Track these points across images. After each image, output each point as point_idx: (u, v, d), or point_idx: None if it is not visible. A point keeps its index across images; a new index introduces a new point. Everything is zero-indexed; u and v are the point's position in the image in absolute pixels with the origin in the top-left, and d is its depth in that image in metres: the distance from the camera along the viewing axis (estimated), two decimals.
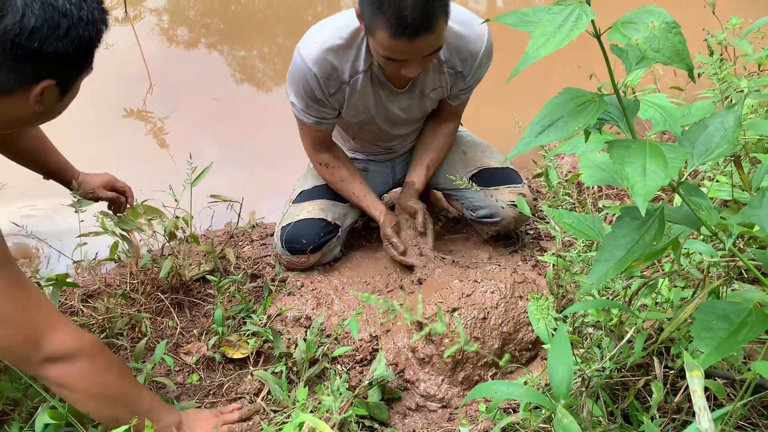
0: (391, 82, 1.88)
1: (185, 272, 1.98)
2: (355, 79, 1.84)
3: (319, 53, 1.78)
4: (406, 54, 1.58)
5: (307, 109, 1.89)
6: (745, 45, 2.04)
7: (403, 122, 2.06)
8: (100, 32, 1.27)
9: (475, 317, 1.65)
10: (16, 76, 1.20)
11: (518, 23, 0.88)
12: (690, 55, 0.84)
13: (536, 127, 0.87)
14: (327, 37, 1.78)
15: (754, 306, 0.88)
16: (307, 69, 1.79)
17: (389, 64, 1.65)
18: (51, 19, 1.16)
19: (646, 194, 0.77)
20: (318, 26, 1.84)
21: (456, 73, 1.90)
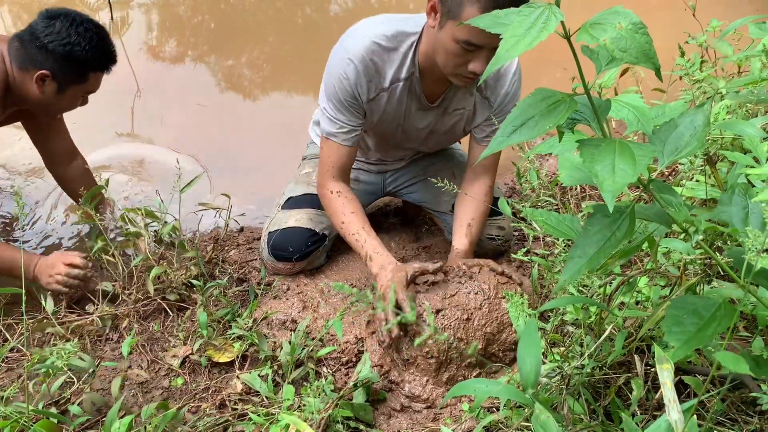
0: (426, 95, 1.87)
1: (172, 277, 1.99)
2: (395, 87, 1.82)
3: (365, 49, 1.75)
4: (487, 37, 1.52)
5: (338, 114, 1.85)
6: (725, 47, 2.07)
7: (416, 141, 2.06)
8: (95, 60, 1.93)
9: (459, 318, 1.67)
10: (31, 59, 1.88)
11: (491, 25, 0.89)
12: (664, 56, 0.86)
13: (509, 127, 0.88)
14: (375, 35, 1.75)
15: (723, 301, 0.90)
16: (349, 63, 1.76)
17: (460, 56, 1.61)
18: (64, 32, 1.87)
19: (615, 191, 0.79)
20: (365, 23, 1.81)
21: (483, 97, 1.90)
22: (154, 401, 1.66)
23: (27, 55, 1.88)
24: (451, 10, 1.56)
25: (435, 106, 1.91)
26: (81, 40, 1.88)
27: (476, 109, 1.93)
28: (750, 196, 1.01)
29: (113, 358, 1.82)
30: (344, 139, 1.89)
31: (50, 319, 1.87)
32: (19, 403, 1.56)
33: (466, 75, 1.65)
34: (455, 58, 1.62)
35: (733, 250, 1.06)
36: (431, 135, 2.03)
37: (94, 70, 1.96)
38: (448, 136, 2.08)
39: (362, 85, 1.79)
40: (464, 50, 1.59)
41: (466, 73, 1.64)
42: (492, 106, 1.91)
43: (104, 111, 3.02)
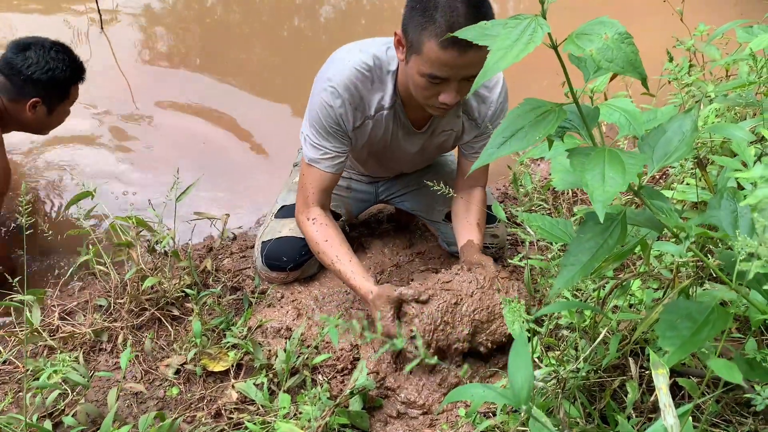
0: (411, 122, 1.87)
1: (166, 287, 1.99)
2: (380, 115, 1.82)
3: (348, 77, 1.74)
4: (452, 70, 1.54)
5: (322, 141, 1.83)
6: (713, 51, 2.08)
7: (407, 162, 2.05)
8: (73, 76, 2.22)
9: (448, 301, 1.67)
10: (20, 91, 2.14)
11: (478, 37, 0.90)
12: (653, 61, 0.87)
13: (498, 138, 0.89)
14: (357, 64, 1.75)
15: (716, 304, 0.90)
16: (333, 90, 1.75)
17: (428, 89, 1.61)
18: (42, 61, 2.13)
19: (605, 200, 0.80)
20: (346, 52, 1.80)
21: (470, 120, 1.89)
22: (149, 411, 1.65)
23: (15, 88, 2.14)
24: (413, 45, 1.56)
25: (422, 132, 1.91)
26: (58, 64, 2.16)
27: (464, 129, 1.92)
28: (738, 200, 1.02)
29: (107, 369, 1.82)
30: (328, 166, 1.86)
31: (41, 333, 1.86)
32: (13, 414, 1.56)
33: (438, 106, 1.65)
34: (424, 90, 1.63)
35: (723, 253, 1.07)
36: (420, 155, 2.02)
37: (73, 84, 2.25)
38: (437, 153, 2.08)
39: (347, 112, 1.78)
40: (432, 83, 1.59)
41: (438, 104, 1.64)
42: (479, 124, 1.90)
43: (97, 119, 3.02)
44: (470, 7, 1.49)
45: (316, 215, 1.90)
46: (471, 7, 1.49)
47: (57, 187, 2.67)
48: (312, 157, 1.86)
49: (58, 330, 1.92)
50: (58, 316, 1.97)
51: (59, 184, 2.68)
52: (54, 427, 1.62)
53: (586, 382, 1.38)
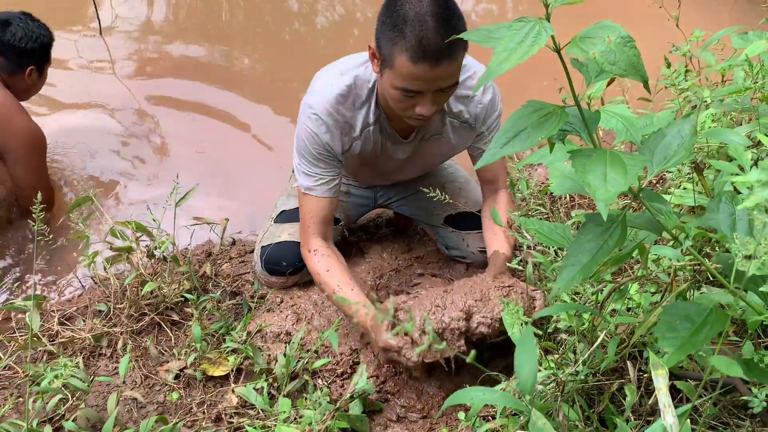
0: (397, 132, 1.87)
1: (165, 291, 1.99)
2: (366, 132, 1.82)
3: (330, 103, 1.75)
4: (424, 83, 1.54)
5: (313, 168, 1.84)
6: (708, 56, 2.11)
7: (400, 170, 2.05)
8: (50, 39, 2.51)
9: (437, 290, 1.67)
10: (18, 63, 2.41)
11: (482, 40, 0.91)
12: (649, 66, 0.88)
13: (501, 139, 0.90)
14: (337, 89, 1.76)
15: (714, 306, 0.91)
16: (317, 119, 1.76)
17: (404, 101, 1.61)
18: (28, 31, 2.40)
19: (607, 200, 0.81)
20: (324, 78, 1.81)
21: (462, 122, 1.88)
22: (149, 416, 1.66)
23: (12, 63, 2.39)
24: (386, 59, 1.57)
25: (409, 141, 1.91)
26: (41, 31, 2.45)
27: (455, 132, 1.91)
28: (736, 203, 1.03)
29: (107, 374, 1.82)
30: (324, 191, 1.86)
31: (41, 339, 1.86)
32: (13, 420, 1.56)
33: (415, 117, 1.65)
34: (399, 103, 1.63)
35: (721, 256, 1.09)
36: (412, 163, 2.02)
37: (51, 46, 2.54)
38: (433, 162, 2.08)
39: (333, 138, 1.79)
40: (406, 96, 1.59)
41: (415, 115, 1.63)
42: (474, 127, 1.89)
43: (92, 127, 3.03)
44: (439, 20, 1.48)
45: (317, 246, 1.88)
46: (440, 20, 1.48)
47: (58, 191, 2.67)
48: (306, 185, 1.85)
49: (57, 335, 1.92)
50: (58, 321, 1.97)
51: (60, 188, 2.68)
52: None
53: (584, 386, 1.39)
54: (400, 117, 1.72)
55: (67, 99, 3.21)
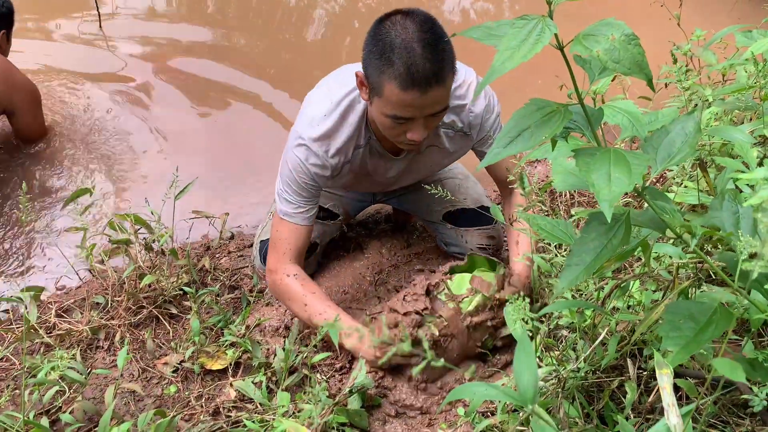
0: (388, 151, 1.85)
1: (164, 285, 1.98)
2: (356, 154, 1.81)
3: (319, 131, 1.74)
4: (415, 109, 1.53)
5: (296, 197, 1.82)
6: (709, 55, 2.10)
7: (396, 183, 2.04)
8: (11, 4, 2.71)
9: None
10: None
11: (484, 37, 0.90)
12: (649, 66, 0.87)
13: (504, 138, 0.89)
14: (327, 115, 1.74)
15: (718, 305, 0.91)
16: (306, 149, 1.75)
17: (395, 128, 1.60)
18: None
19: (611, 200, 0.80)
20: (314, 104, 1.78)
21: (456, 132, 1.86)
22: (146, 409, 1.65)
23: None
24: (375, 87, 1.55)
25: (402, 157, 1.90)
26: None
27: (448, 142, 1.89)
28: (740, 201, 1.03)
29: (104, 366, 1.82)
30: (303, 219, 1.84)
31: (38, 330, 1.86)
32: (10, 411, 1.55)
33: (407, 142, 1.64)
34: (390, 130, 1.62)
35: (724, 254, 1.08)
36: (407, 176, 2.01)
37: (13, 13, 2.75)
38: (426, 173, 2.05)
39: (322, 168, 1.77)
40: (397, 123, 1.58)
41: (407, 141, 1.62)
42: (472, 136, 1.87)
43: (91, 119, 3.02)
44: (426, 46, 1.46)
45: (296, 271, 1.84)
46: (427, 46, 1.46)
47: (56, 183, 2.66)
48: (286, 211, 1.84)
49: (54, 327, 1.92)
50: (55, 313, 1.96)
51: (58, 180, 2.67)
52: (51, 424, 1.62)
53: (584, 383, 1.39)
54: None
55: (67, 86, 3.20)
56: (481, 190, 2.22)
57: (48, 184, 2.65)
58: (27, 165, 2.72)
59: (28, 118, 2.72)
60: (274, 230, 1.87)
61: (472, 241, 2.11)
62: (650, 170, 0.98)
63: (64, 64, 3.37)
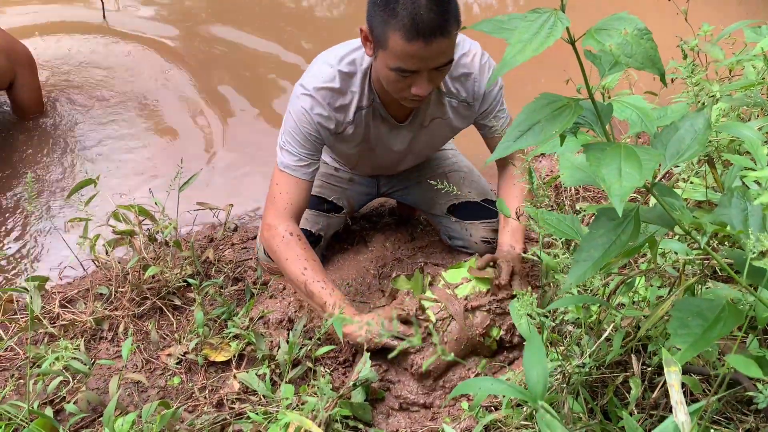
0: (392, 116, 1.85)
1: (168, 276, 1.98)
2: (359, 115, 1.81)
3: (323, 83, 1.74)
4: (419, 62, 1.53)
5: (299, 148, 1.81)
6: (717, 51, 2.09)
7: (404, 158, 2.03)
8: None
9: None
10: None
11: (494, 30, 0.90)
12: (662, 60, 0.87)
13: (515, 132, 0.89)
14: (330, 74, 1.75)
15: (727, 302, 0.91)
16: (310, 98, 1.75)
17: (399, 82, 1.60)
18: None
19: (622, 195, 0.80)
20: (321, 59, 1.80)
21: (460, 102, 1.86)
22: (150, 400, 1.66)
23: None
24: (379, 40, 1.55)
25: (407, 125, 1.89)
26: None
27: (455, 113, 1.89)
28: (749, 198, 1.02)
29: (108, 357, 1.82)
30: (303, 173, 1.83)
31: (42, 320, 1.86)
32: (14, 401, 1.56)
33: (411, 98, 1.64)
34: (395, 84, 1.62)
35: (732, 251, 1.08)
36: (412, 152, 2.01)
37: None
38: (432, 147, 2.05)
39: (326, 118, 1.78)
40: (401, 76, 1.58)
41: (411, 96, 1.62)
42: (473, 105, 1.87)
43: (97, 110, 3.01)
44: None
45: (298, 232, 1.82)
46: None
47: (60, 173, 2.66)
48: (287, 164, 1.82)
49: (58, 318, 1.92)
50: (59, 303, 1.97)
51: (63, 170, 2.67)
52: (55, 414, 1.62)
53: (589, 378, 1.39)
54: (396, 100, 1.71)
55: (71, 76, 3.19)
56: (486, 184, 2.22)
57: (52, 175, 2.65)
58: (30, 154, 2.72)
59: (29, 88, 2.69)
60: (274, 183, 1.85)
61: (477, 235, 2.11)
62: (660, 167, 0.98)
63: (66, 53, 3.35)
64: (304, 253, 1.79)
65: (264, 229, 1.85)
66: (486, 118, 1.91)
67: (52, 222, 2.41)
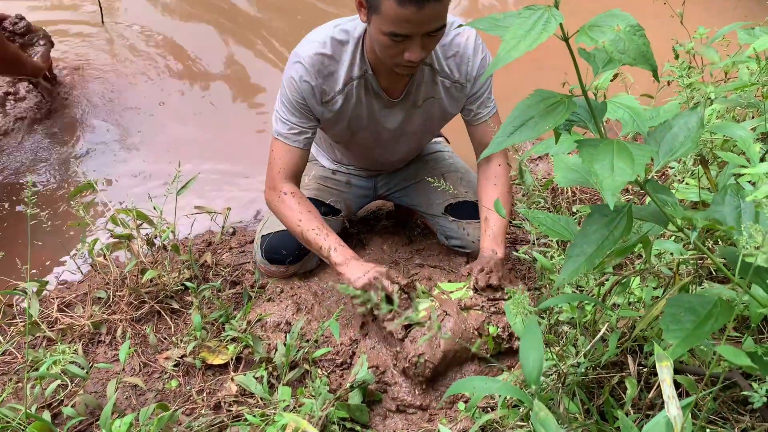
0: (385, 90, 1.86)
1: (165, 280, 1.99)
2: (350, 87, 1.82)
3: (314, 51, 1.77)
4: (412, 26, 1.54)
5: (289, 116, 1.85)
6: (712, 53, 2.10)
7: (398, 140, 2.03)
8: None
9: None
10: None
11: (490, 28, 0.91)
12: (654, 57, 0.88)
13: (508, 128, 0.90)
14: (322, 40, 1.77)
15: (719, 298, 0.91)
16: (300, 65, 1.77)
17: (392, 47, 1.60)
18: None
19: (614, 189, 0.81)
20: (314, 31, 1.82)
21: (453, 83, 1.88)
22: (148, 403, 1.66)
23: None
24: (372, 5, 1.56)
25: (400, 100, 1.89)
26: None
27: (447, 94, 1.90)
28: (742, 196, 1.03)
29: (106, 361, 1.82)
30: (295, 141, 1.87)
31: (40, 324, 1.86)
32: (11, 405, 1.55)
33: (404, 64, 1.65)
34: (388, 49, 1.63)
35: (725, 249, 1.08)
36: (405, 134, 2.01)
37: None
38: (425, 131, 2.05)
39: (313, 87, 1.79)
40: (394, 41, 1.59)
41: (404, 62, 1.64)
42: (465, 87, 1.89)
43: (96, 114, 3.02)
44: None
45: (293, 190, 1.90)
46: None
47: (59, 178, 2.66)
48: (280, 132, 1.88)
49: (56, 322, 1.92)
50: (57, 307, 1.97)
51: (61, 175, 2.67)
52: (53, 417, 1.62)
53: (584, 378, 1.39)
54: (390, 70, 1.73)
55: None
56: None
57: (50, 178, 2.65)
58: (31, 161, 2.73)
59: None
60: (270, 150, 1.92)
61: (474, 234, 2.11)
62: (653, 164, 0.99)
63: (63, 53, 3.37)
64: (299, 206, 1.87)
65: (265, 193, 1.95)
66: (474, 103, 1.93)
67: (50, 225, 2.41)
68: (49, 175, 2.68)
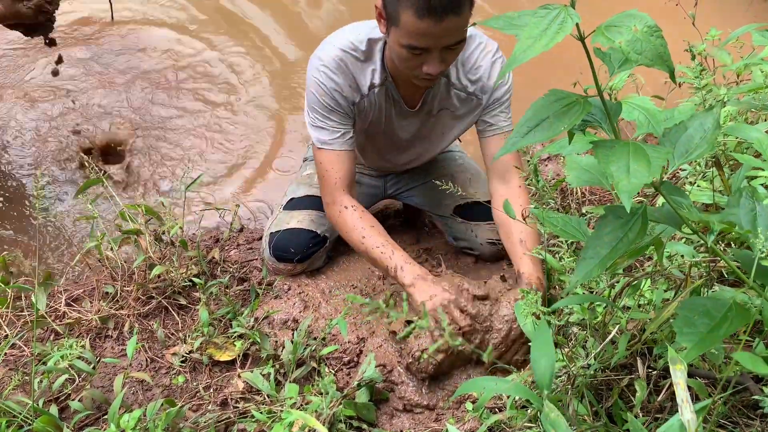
0: (404, 100, 1.85)
1: (173, 276, 1.99)
2: (372, 92, 1.81)
3: (337, 56, 1.75)
4: (430, 39, 1.53)
5: (326, 120, 1.81)
6: (724, 55, 2.09)
7: (410, 146, 2.02)
8: None
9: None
10: None
11: (505, 27, 0.90)
12: (671, 59, 0.87)
13: (523, 128, 0.89)
14: (345, 43, 1.76)
15: (734, 301, 0.91)
16: (325, 69, 1.75)
17: (411, 60, 1.60)
18: None
19: (630, 191, 0.80)
20: (335, 34, 1.81)
21: (468, 95, 1.86)
22: (155, 399, 1.66)
23: None
24: (392, 17, 1.56)
25: (416, 110, 1.89)
26: None
27: (459, 105, 1.89)
28: (758, 199, 1.02)
29: (113, 355, 1.82)
30: (341, 144, 1.83)
31: (47, 318, 1.86)
32: (19, 398, 1.56)
33: (423, 77, 1.64)
34: (407, 62, 1.62)
35: (739, 252, 1.08)
36: (418, 141, 2.00)
37: None
38: (436, 140, 2.03)
39: (342, 88, 1.78)
40: (413, 54, 1.58)
41: (422, 75, 1.62)
42: (481, 99, 1.87)
43: (107, 109, 3.03)
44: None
45: (353, 204, 1.84)
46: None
47: (68, 172, 2.67)
48: (321, 139, 1.83)
49: (64, 316, 1.92)
50: (65, 302, 1.97)
51: (70, 169, 2.68)
52: (60, 411, 1.63)
53: (594, 380, 1.38)
54: (408, 80, 1.71)
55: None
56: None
57: (60, 173, 2.66)
58: (38, 155, 2.74)
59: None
60: (317, 163, 1.86)
61: (482, 236, 2.10)
62: (668, 165, 0.98)
63: (75, 53, 3.37)
64: (360, 222, 1.82)
65: (325, 208, 1.90)
66: (489, 113, 1.89)
67: (59, 220, 2.41)
68: (58, 168, 2.68)
